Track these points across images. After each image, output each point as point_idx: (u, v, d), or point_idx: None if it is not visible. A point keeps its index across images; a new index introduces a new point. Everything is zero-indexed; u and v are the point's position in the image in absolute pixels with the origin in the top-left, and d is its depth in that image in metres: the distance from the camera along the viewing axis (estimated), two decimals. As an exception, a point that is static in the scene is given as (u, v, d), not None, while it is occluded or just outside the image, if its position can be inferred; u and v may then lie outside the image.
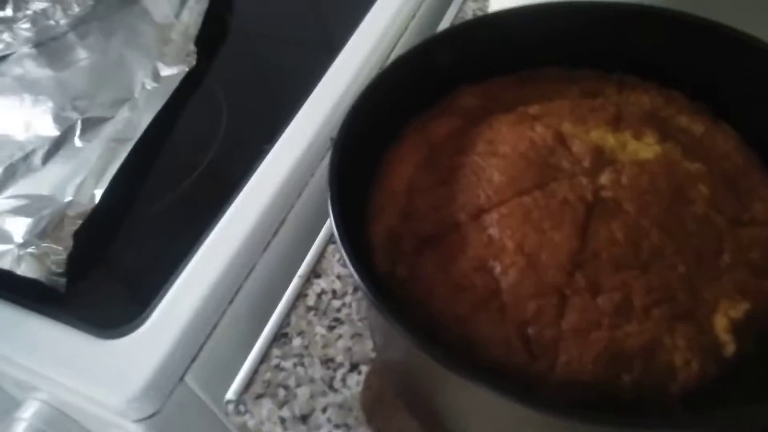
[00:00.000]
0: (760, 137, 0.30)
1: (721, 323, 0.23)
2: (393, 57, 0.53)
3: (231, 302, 0.40)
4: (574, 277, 0.24)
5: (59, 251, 0.42)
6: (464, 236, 0.26)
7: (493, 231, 0.26)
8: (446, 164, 0.30)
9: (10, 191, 0.49)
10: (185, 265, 0.41)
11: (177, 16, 0.58)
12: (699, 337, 0.23)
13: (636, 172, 0.27)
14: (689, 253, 0.25)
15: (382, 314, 0.22)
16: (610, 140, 0.28)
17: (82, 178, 0.46)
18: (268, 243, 0.43)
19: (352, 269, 0.24)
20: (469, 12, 0.54)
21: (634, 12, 0.33)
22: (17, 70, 0.60)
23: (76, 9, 0.61)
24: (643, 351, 0.23)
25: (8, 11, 0.59)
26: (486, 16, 0.33)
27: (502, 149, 0.29)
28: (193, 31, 0.56)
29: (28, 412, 0.42)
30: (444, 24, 0.54)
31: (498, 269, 0.25)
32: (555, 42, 0.34)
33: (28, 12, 0.59)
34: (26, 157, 0.51)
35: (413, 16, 0.55)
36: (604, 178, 0.27)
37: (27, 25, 0.59)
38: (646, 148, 0.28)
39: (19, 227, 0.43)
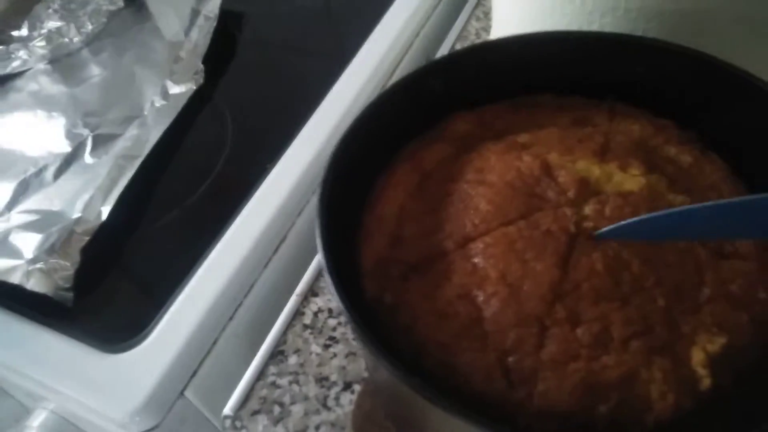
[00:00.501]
0: (750, 168, 0.30)
1: (698, 357, 0.24)
2: (396, 77, 0.54)
3: (231, 318, 0.41)
4: (555, 307, 0.25)
5: (67, 267, 0.43)
6: (450, 264, 0.27)
7: (478, 260, 0.26)
8: (436, 191, 0.30)
9: (21, 206, 0.50)
10: (188, 281, 0.42)
11: (186, 33, 0.59)
12: (675, 370, 0.23)
13: (619, 203, 0.27)
14: (669, 285, 0.25)
15: (364, 342, 0.23)
16: (595, 171, 0.29)
17: (90, 195, 0.47)
18: (268, 260, 0.44)
19: (336, 297, 0.24)
20: (473, 31, 0.54)
21: (625, 41, 0.33)
22: (32, 86, 0.61)
23: (90, 27, 0.62)
24: (620, 383, 0.23)
25: (24, 30, 0.61)
26: (480, 45, 0.34)
27: (489, 178, 0.29)
28: (202, 49, 0.57)
29: (36, 420, 0.43)
30: (448, 42, 0.55)
31: (481, 298, 0.26)
32: (549, 69, 0.35)
33: (43, 30, 0.61)
34: (38, 173, 0.52)
35: (417, 34, 0.56)
36: (588, 209, 0.27)
37: (42, 43, 0.61)
38: (631, 180, 0.28)
39: (28, 243, 0.44)
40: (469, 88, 0.35)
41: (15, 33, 0.62)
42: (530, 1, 0.42)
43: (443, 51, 0.54)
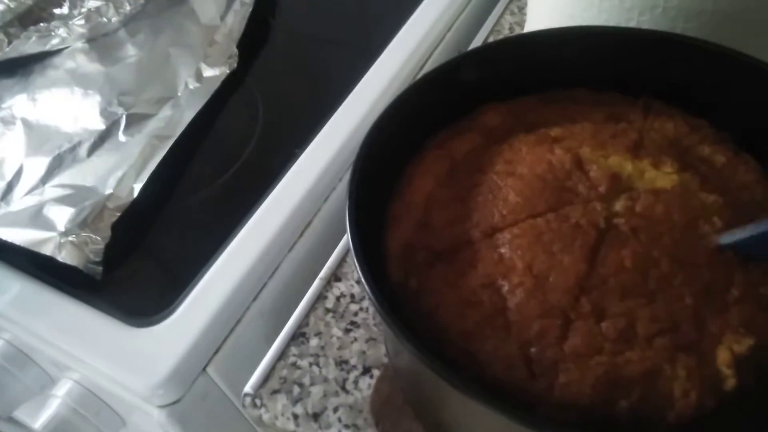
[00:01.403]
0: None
1: (723, 357, 0.23)
2: (427, 68, 0.54)
3: (255, 299, 0.42)
4: (580, 301, 0.25)
5: (98, 241, 0.44)
6: (476, 253, 0.27)
7: (504, 250, 0.26)
8: (465, 181, 0.30)
9: (56, 180, 0.51)
10: (214, 261, 0.42)
11: (222, 18, 0.60)
12: (700, 368, 0.23)
13: (651, 200, 0.27)
14: (698, 285, 0.25)
15: (389, 326, 0.23)
16: (628, 167, 0.28)
17: (123, 172, 0.48)
18: (294, 244, 0.44)
19: (362, 279, 0.25)
20: (506, 25, 0.54)
21: (663, 39, 0.33)
22: (70, 64, 0.62)
23: (128, 7, 0.63)
24: (643, 378, 0.23)
25: (65, 9, 0.62)
26: (516, 37, 0.33)
27: (519, 170, 0.29)
28: (237, 34, 0.58)
29: (62, 390, 0.44)
30: (480, 35, 0.54)
31: (506, 288, 0.26)
32: (584, 64, 0.35)
33: (83, 9, 0.62)
34: (73, 149, 0.53)
35: (450, 28, 0.56)
36: (619, 205, 0.27)
37: (81, 22, 0.62)
38: (664, 177, 0.28)
39: (62, 216, 0.45)
40: (502, 80, 0.35)
41: (57, 11, 0.63)
42: (567, -4, 0.42)
43: (476, 44, 0.53)
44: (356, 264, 0.25)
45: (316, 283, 0.41)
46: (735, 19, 0.36)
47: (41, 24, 0.61)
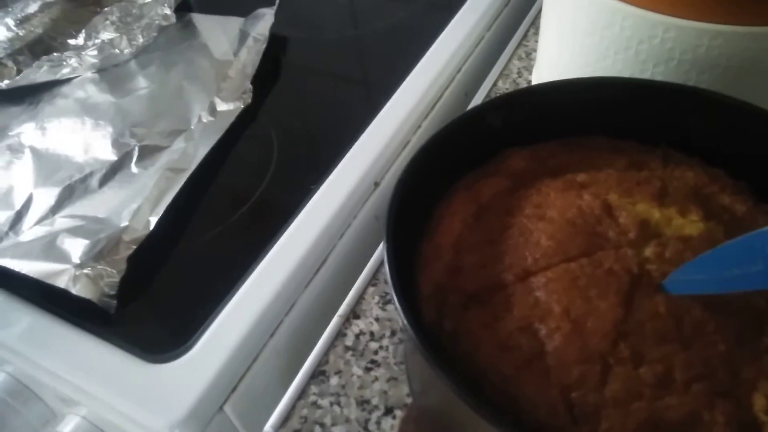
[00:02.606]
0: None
1: (760, 403, 0.24)
2: (437, 109, 0.55)
3: (272, 336, 0.42)
4: (618, 346, 0.25)
5: (113, 274, 0.44)
6: (510, 296, 0.28)
7: (540, 294, 0.27)
8: (494, 224, 0.31)
9: (67, 210, 0.51)
10: (231, 297, 0.42)
11: (236, 54, 0.61)
12: (738, 414, 0.24)
13: (680, 247, 0.28)
14: (729, 332, 0.25)
15: (435, 370, 0.23)
16: (655, 214, 0.29)
17: (138, 205, 0.48)
18: (309, 281, 0.44)
19: (405, 322, 0.25)
20: (514, 69, 0.56)
21: (679, 91, 0.34)
22: (80, 93, 0.62)
23: (141, 40, 0.64)
24: (683, 424, 0.24)
25: (80, 40, 0.63)
26: (537, 86, 0.35)
27: (549, 214, 0.30)
28: (250, 69, 0.58)
29: (68, 426, 0.43)
30: (490, 79, 0.56)
31: (543, 332, 0.26)
32: (603, 112, 0.36)
33: (97, 41, 0.62)
34: (84, 179, 0.53)
35: (460, 69, 0.57)
36: (649, 251, 0.28)
37: (94, 52, 0.62)
38: (691, 225, 0.29)
39: (76, 248, 0.45)
40: (524, 126, 0.36)
41: (71, 41, 0.63)
42: (582, 45, 0.43)
43: (485, 88, 0.55)
44: (399, 309, 0.25)
45: (335, 321, 0.41)
46: (746, 73, 0.38)
47: (54, 54, 0.61)
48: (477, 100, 0.54)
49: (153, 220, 0.47)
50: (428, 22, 0.64)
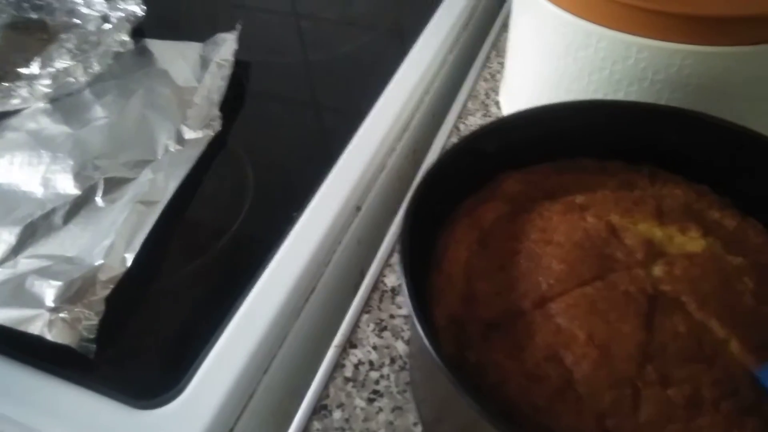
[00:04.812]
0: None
1: (783, 418, 0.24)
2: (411, 129, 0.54)
3: (266, 372, 0.40)
4: (645, 369, 0.25)
5: (91, 316, 0.40)
6: (530, 324, 0.27)
7: (561, 320, 0.27)
8: (500, 249, 0.30)
9: (30, 251, 0.47)
10: (220, 333, 0.39)
11: (199, 80, 0.58)
12: (765, 431, 0.24)
13: (687, 264, 0.28)
14: (749, 346, 0.26)
15: (471, 404, 0.22)
16: (657, 233, 0.30)
17: (111, 241, 0.45)
18: (300, 311, 0.42)
19: (435, 355, 0.24)
20: (482, 91, 0.56)
21: (661, 111, 0.35)
22: (31, 125, 0.58)
23: (96, 68, 0.60)
24: (716, 444, 0.24)
25: (34, 68, 0.58)
26: (532, 110, 0.34)
27: (556, 238, 0.30)
28: (217, 96, 0.56)
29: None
30: (459, 100, 0.56)
31: (570, 359, 0.25)
32: (590, 134, 0.36)
33: (51, 69, 0.58)
34: (47, 216, 0.49)
35: (428, 92, 0.57)
36: (658, 270, 0.28)
37: (47, 82, 0.58)
38: (692, 242, 0.29)
39: (48, 290, 0.41)
40: (516, 150, 0.36)
41: (23, 70, 0.59)
42: (556, 67, 0.44)
43: (455, 109, 0.54)
44: (425, 339, 0.24)
45: (332, 351, 0.39)
46: (716, 91, 0.39)
47: (3, 84, 0.57)
48: (448, 121, 0.53)
49: (129, 257, 0.44)
50: (391, 47, 0.63)
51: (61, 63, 0.58)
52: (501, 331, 0.27)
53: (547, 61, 0.44)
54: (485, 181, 0.35)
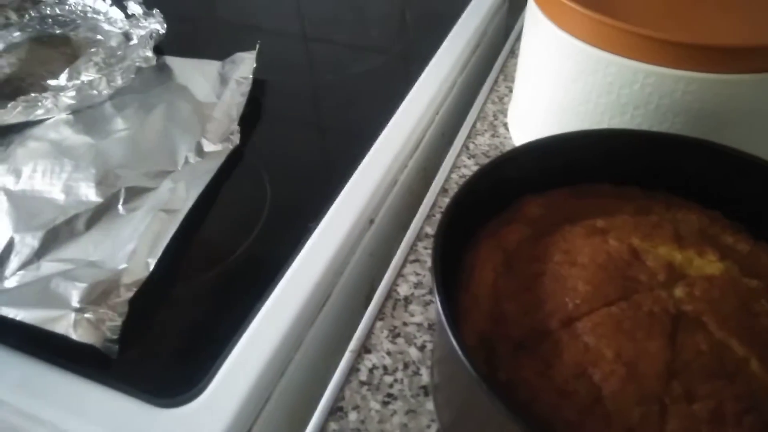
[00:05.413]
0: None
1: (804, 434, 0.23)
2: (422, 147, 0.53)
3: (282, 375, 0.38)
4: (671, 385, 0.24)
5: (115, 317, 0.39)
6: (557, 342, 0.26)
7: (588, 339, 0.26)
8: (526, 271, 0.29)
9: (52, 254, 0.45)
10: (239, 336, 0.38)
11: (219, 96, 0.57)
12: (788, 446, 0.23)
13: (707, 286, 0.27)
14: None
15: (509, 417, 0.21)
16: (677, 256, 0.29)
17: (134, 246, 0.43)
18: (315, 317, 0.41)
19: (473, 373, 0.23)
20: (490, 113, 0.55)
21: (678, 142, 0.34)
22: (53, 135, 0.56)
23: (119, 81, 0.59)
24: (741, 460, 0.23)
25: (62, 80, 0.57)
26: (554, 137, 0.34)
27: (580, 260, 0.29)
28: (236, 112, 0.55)
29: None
30: (468, 121, 0.55)
31: (598, 376, 0.24)
32: (606, 161, 0.35)
33: (77, 82, 0.57)
34: (69, 222, 0.47)
35: (438, 112, 0.56)
36: (679, 292, 0.27)
37: (72, 93, 0.56)
38: (710, 265, 0.28)
39: (74, 292, 0.40)
40: (536, 175, 0.35)
41: (51, 82, 0.57)
42: (566, 90, 0.43)
43: (464, 130, 0.54)
44: (463, 357, 0.23)
45: (347, 356, 0.38)
46: (718, 116, 0.39)
47: (31, 94, 0.55)
48: (458, 141, 0.53)
49: (152, 262, 0.42)
50: (403, 70, 0.63)
51: (87, 76, 0.57)
52: (529, 349, 0.26)
53: (556, 84, 0.43)
54: (506, 204, 0.34)
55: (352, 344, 0.39)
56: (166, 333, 0.40)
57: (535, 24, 0.45)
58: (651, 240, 0.29)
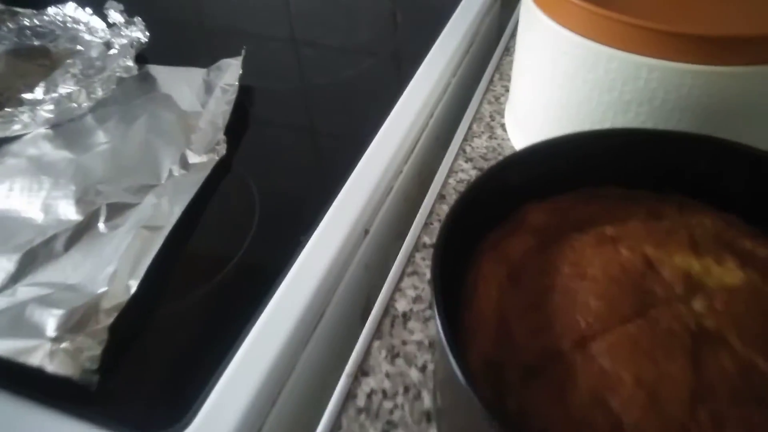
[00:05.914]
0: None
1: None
2: (418, 150, 0.51)
3: (274, 405, 0.36)
4: (697, 411, 0.22)
5: (94, 346, 0.37)
6: (571, 365, 0.24)
7: (604, 361, 0.23)
8: (532, 286, 0.27)
9: (29, 278, 0.43)
10: (227, 363, 0.36)
11: (203, 105, 0.55)
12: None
13: (728, 298, 0.25)
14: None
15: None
16: (695, 266, 0.26)
17: (114, 268, 0.41)
18: (309, 338, 0.39)
19: (479, 404, 0.21)
20: (486, 114, 0.53)
21: (691, 139, 0.32)
22: (32, 151, 0.54)
23: (100, 93, 0.56)
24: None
25: (38, 93, 0.54)
26: (555, 139, 0.31)
27: (591, 272, 0.26)
28: (221, 121, 0.53)
29: None
30: (464, 122, 0.53)
31: (617, 403, 0.22)
32: (611, 162, 0.33)
33: (55, 94, 0.54)
34: (47, 243, 0.45)
35: (432, 115, 0.54)
36: (698, 305, 0.25)
37: (50, 107, 0.54)
38: (730, 274, 0.26)
39: (50, 320, 0.38)
40: (539, 181, 0.32)
41: (27, 96, 0.55)
42: (563, 88, 0.41)
43: (461, 132, 0.52)
44: (475, 399, 0.21)
45: (343, 381, 0.36)
46: (726, 111, 0.37)
47: (6, 109, 0.53)
48: (454, 144, 0.50)
49: (133, 284, 0.40)
50: (394, 72, 0.61)
51: (65, 88, 0.54)
52: (540, 374, 0.24)
53: (554, 83, 0.41)
54: (507, 212, 0.32)
55: (349, 367, 0.36)
56: (150, 360, 0.38)
57: (530, 19, 0.43)
58: (665, 248, 0.27)
